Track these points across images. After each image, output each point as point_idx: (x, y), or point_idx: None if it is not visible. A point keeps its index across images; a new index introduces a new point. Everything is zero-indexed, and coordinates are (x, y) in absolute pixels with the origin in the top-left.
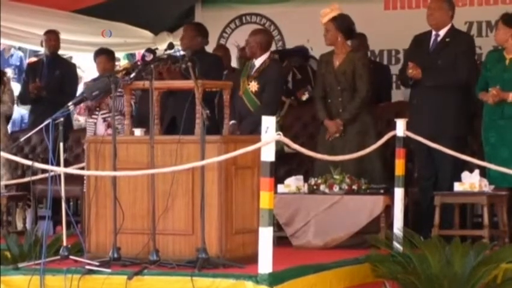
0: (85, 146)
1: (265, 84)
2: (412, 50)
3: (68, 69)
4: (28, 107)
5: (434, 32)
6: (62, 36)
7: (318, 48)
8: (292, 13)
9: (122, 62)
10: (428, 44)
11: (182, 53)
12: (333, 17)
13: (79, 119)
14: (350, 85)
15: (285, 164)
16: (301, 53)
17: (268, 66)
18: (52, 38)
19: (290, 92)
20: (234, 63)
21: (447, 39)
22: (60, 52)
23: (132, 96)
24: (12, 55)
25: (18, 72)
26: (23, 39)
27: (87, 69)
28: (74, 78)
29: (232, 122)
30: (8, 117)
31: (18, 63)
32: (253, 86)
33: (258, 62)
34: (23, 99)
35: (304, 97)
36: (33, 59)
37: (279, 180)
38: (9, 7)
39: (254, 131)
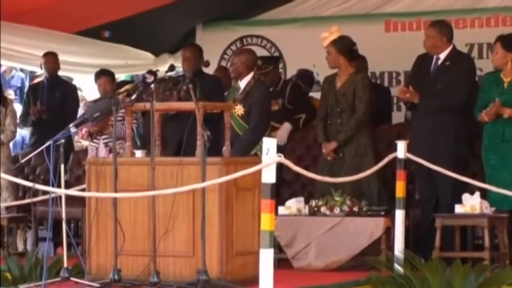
0: (86, 168)
1: (250, 107)
2: (415, 70)
3: (69, 91)
4: (29, 128)
5: (435, 56)
6: (63, 57)
7: (323, 72)
8: (294, 35)
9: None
10: (430, 66)
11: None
12: (333, 40)
13: (81, 141)
14: (349, 106)
15: (288, 187)
16: (306, 77)
17: (253, 87)
18: (50, 60)
19: None
20: None
21: (447, 63)
22: (61, 73)
23: (134, 120)
24: (13, 76)
25: (19, 94)
26: (24, 60)
27: (88, 91)
28: (75, 100)
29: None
30: None
31: (19, 85)
32: (239, 109)
33: (242, 83)
34: (24, 121)
35: (273, 108)
36: (38, 80)
37: (282, 202)
38: (10, 28)
39: (245, 155)
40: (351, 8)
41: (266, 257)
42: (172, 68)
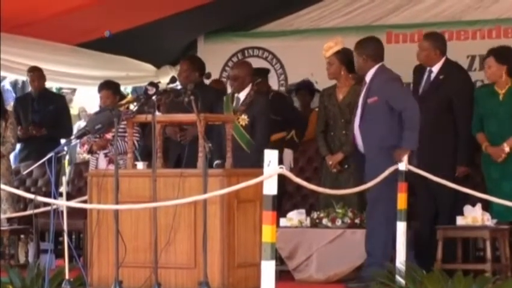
0: (88, 180)
1: (254, 118)
2: (414, 82)
3: (60, 103)
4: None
5: (428, 68)
6: (65, 69)
7: (322, 81)
8: (294, 46)
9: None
10: (422, 80)
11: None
12: (336, 51)
13: (82, 153)
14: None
15: (290, 199)
16: (306, 86)
17: (255, 98)
18: (36, 76)
19: None
20: None
21: (441, 77)
22: (62, 85)
23: (136, 134)
24: None
25: None
26: (25, 72)
27: (90, 103)
28: (68, 112)
29: (217, 162)
30: None
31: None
32: (243, 119)
33: (242, 94)
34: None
35: None
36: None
37: (284, 214)
38: (11, 40)
39: None
40: (352, 19)
41: (267, 269)
42: (173, 80)
